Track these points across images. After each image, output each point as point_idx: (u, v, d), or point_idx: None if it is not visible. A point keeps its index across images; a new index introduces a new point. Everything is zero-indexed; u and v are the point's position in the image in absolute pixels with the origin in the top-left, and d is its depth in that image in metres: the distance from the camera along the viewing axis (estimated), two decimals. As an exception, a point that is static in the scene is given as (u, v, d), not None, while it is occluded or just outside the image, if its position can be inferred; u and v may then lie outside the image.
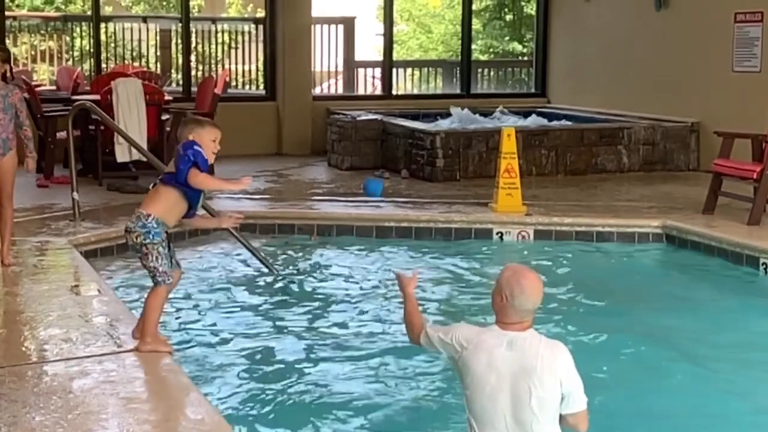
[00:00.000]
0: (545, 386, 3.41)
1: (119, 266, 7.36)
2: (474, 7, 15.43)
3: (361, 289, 7.08)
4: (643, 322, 6.31)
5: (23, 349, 4.69)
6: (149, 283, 6.87)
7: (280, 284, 7.17)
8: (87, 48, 13.82)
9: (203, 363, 5.40)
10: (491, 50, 18.45)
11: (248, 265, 7.58)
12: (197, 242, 8.22)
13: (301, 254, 8.03)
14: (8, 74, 6.57)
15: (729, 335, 6.09)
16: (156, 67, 14.45)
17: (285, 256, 7.91)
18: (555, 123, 12.39)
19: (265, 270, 7.42)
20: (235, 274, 7.41)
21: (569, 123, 12.29)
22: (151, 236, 4.51)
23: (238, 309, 6.54)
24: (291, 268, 7.63)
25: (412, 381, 5.24)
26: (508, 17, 18.68)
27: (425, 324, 3.81)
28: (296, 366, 5.43)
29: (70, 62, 14.96)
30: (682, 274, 7.65)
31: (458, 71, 14.67)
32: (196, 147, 4.55)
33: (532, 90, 14.78)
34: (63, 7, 18.73)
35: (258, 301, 6.78)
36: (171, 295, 6.73)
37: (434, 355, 5.58)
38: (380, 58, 14.69)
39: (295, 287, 7.08)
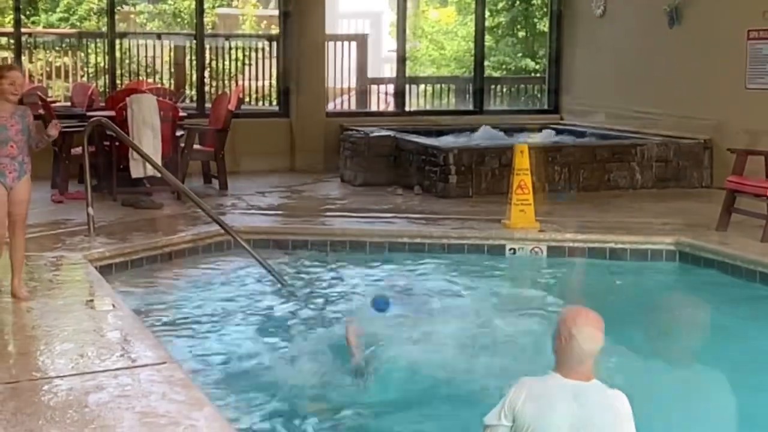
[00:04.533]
0: None
1: (134, 281, 7.40)
2: (487, 23, 15.47)
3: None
4: (655, 340, 6.29)
5: (39, 363, 4.71)
6: (163, 297, 6.99)
7: (291, 298, 7.18)
8: (102, 64, 13.91)
9: (217, 377, 5.43)
10: (504, 67, 18.46)
11: (260, 279, 7.60)
12: (210, 255, 8.26)
13: (313, 269, 8.04)
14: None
15: (742, 353, 6.08)
16: (170, 84, 14.54)
17: (298, 271, 7.93)
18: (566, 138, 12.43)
19: (277, 284, 7.45)
20: (247, 288, 7.44)
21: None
22: None
23: (251, 323, 6.57)
24: (303, 282, 7.65)
25: (422, 395, 5.24)
26: (521, 34, 18.69)
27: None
28: (309, 380, 5.43)
29: (85, 78, 15.08)
30: (695, 291, 7.62)
31: (471, 88, 14.70)
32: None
33: (545, 107, 14.80)
34: (78, 23, 18.85)
35: (270, 314, 6.80)
36: (184, 307, 6.83)
37: (451, 375, 5.58)
38: (393, 74, 14.73)
39: (307, 301, 7.10)
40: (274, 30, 14.46)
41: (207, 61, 13.76)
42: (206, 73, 13.67)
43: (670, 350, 6.01)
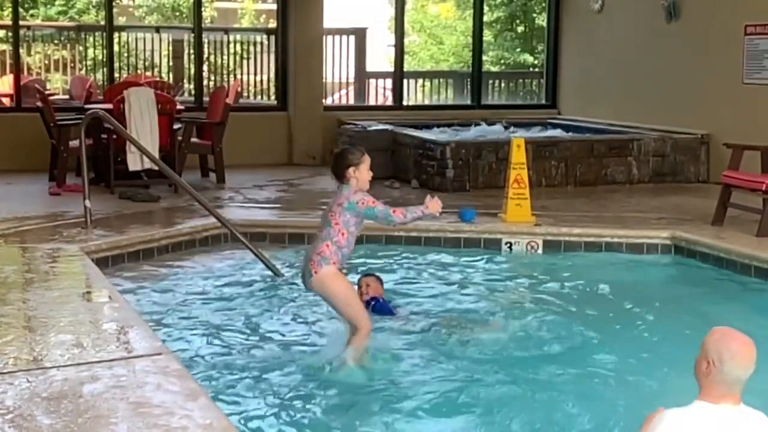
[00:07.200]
0: None
1: (130, 274, 7.42)
2: (485, 18, 15.49)
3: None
4: (651, 334, 6.32)
5: (34, 353, 4.73)
6: (159, 289, 7.00)
7: (287, 290, 7.19)
8: (100, 58, 13.92)
9: (211, 368, 5.44)
10: (502, 61, 18.49)
11: (257, 271, 7.61)
12: (207, 248, 8.27)
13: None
14: None
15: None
16: (168, 77, 14.56)
17: (294, 263, 7.93)
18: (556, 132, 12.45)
19: (273, 275, 7.46)
20: (244, 280, 7.45)
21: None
22: None
23: (246, 313, 6.58)
24: (299, 275, 7.65)
25: (421, 386, 5.25)
26: (520, 29, 18.72)
27: None
28: (304, 371, 5.46)
29: (83, 72, 15.09)
30: (690, 285, 7.65)
31: (469, 82, 14.72)
32: None
33: (543, 101, 14.82)
34: (77, 17, 18.86)
35: (266, 306, 6.81)
36: (180, 299, 6.85)
37: (453, 364, 5.60)
38: (391, 68, 14.75)
39: (302, 293, 7.11)
40: (273, 24, 14.45)
41: (205, 55, 13.77)
42: (204, 67, 13.68)
43: (665, 345, 6.05)
